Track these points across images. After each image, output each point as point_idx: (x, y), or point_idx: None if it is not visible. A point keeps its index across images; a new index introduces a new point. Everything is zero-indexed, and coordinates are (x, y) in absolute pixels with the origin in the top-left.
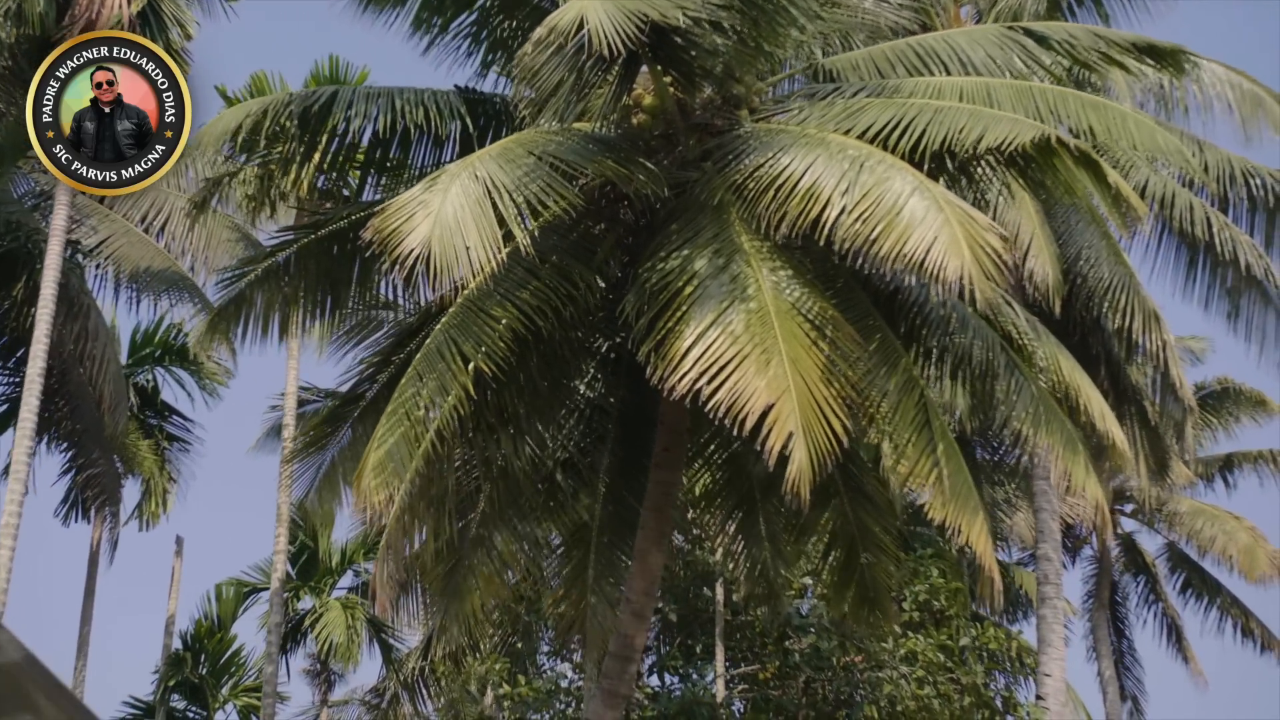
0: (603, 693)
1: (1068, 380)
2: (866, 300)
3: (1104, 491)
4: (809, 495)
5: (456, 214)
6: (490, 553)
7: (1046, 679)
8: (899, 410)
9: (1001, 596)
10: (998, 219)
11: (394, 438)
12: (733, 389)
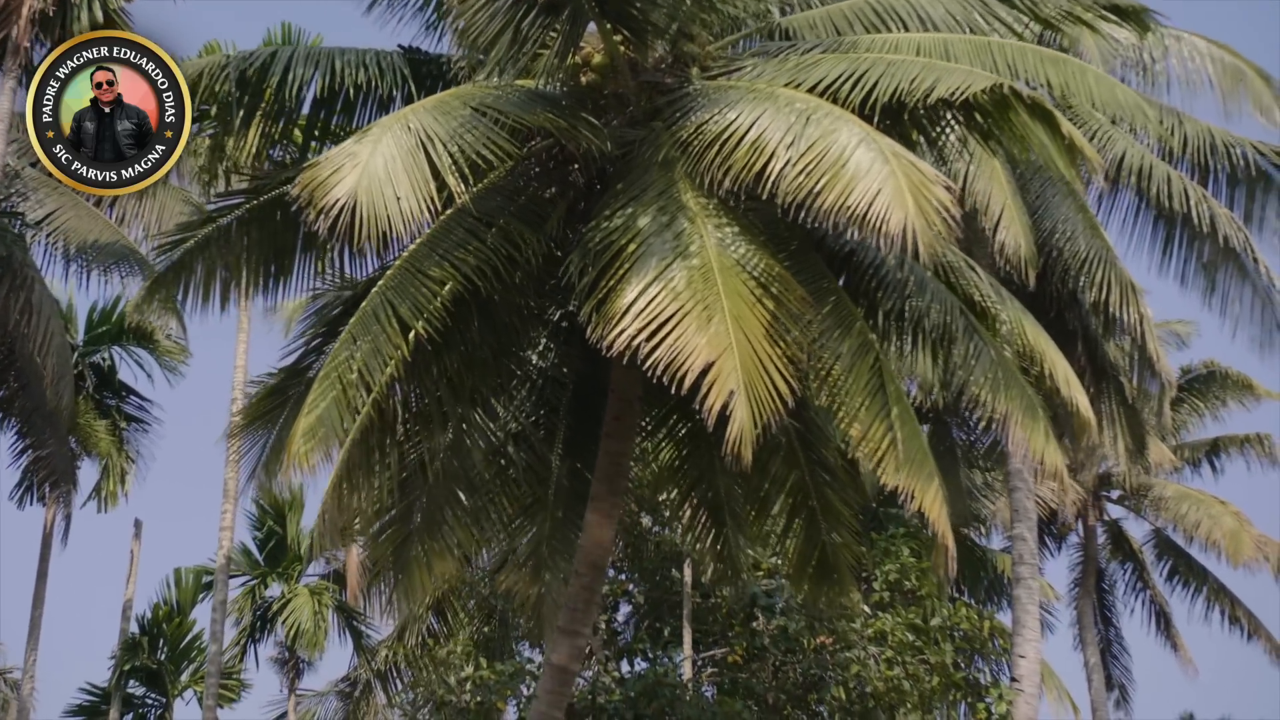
0: (551, 668)
1: (1032, 345)
2: (821, 263)
3: (1066, 458)
4: (750, 456)
5: (387, 165)
6: (441, 528)
7: (1021, 660)
8: (852, 373)
9: (955, 564)
10: (968, 189)
11: (325, 402)
12: (672, 346)
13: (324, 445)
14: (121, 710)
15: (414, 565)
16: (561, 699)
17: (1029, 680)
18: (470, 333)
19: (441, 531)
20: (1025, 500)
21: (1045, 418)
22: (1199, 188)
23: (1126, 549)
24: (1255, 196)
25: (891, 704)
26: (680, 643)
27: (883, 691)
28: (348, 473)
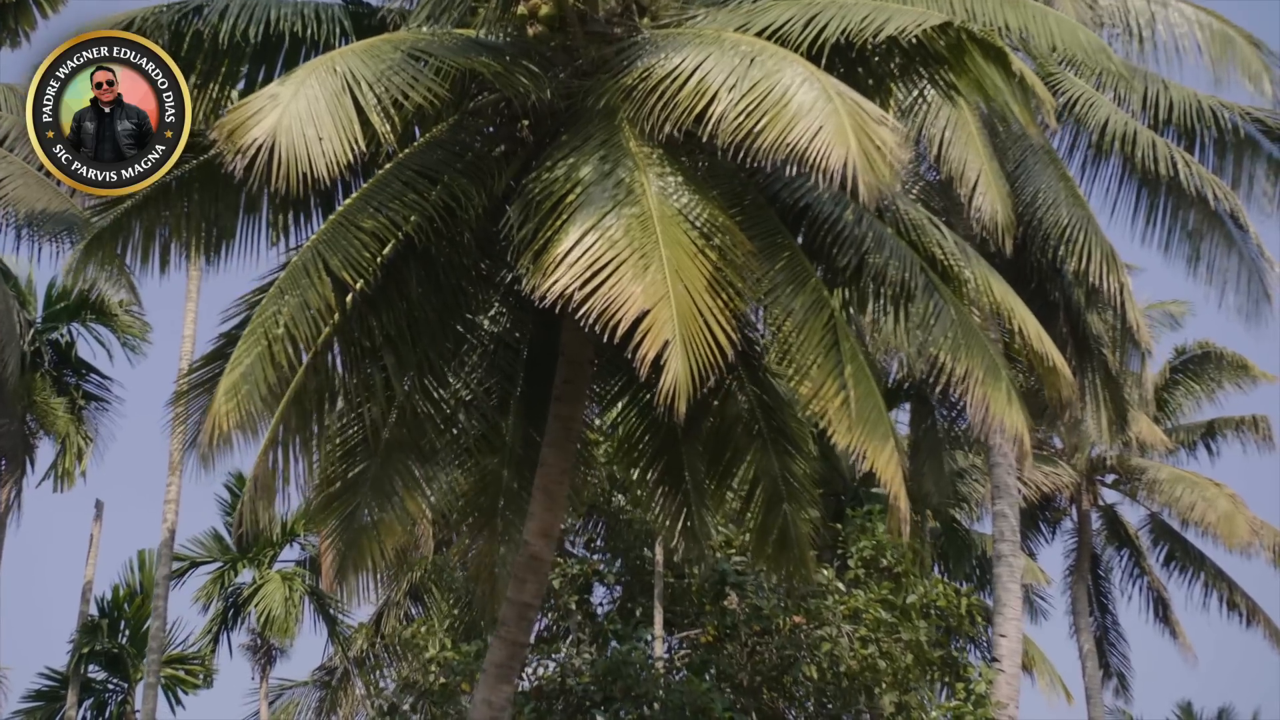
0: (499, 641)
1: (999, 302)
2: (775, 218)
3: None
4: (684, 408)
5: (309, 106)
6: (390, 499)
7: (1002, 640)
8: (804, 330)
9: (908, 526)
10: (944, 155)
11: (250, 359)
12: (607, 294)
13: (248, 404)
14: (80, 695)
15: (363, 537)
16: (510, 672)
17: (1010, 660)
18: (409, 290)
19: (392, 503)
20: (1006, 476)
21: (1009, 380)
22: (1185, 153)
23: (1123, 534)
24: (1243, 163)
25: (866, 684)
26: (651, 622)
27: (856, 670)
28: (283, 436)
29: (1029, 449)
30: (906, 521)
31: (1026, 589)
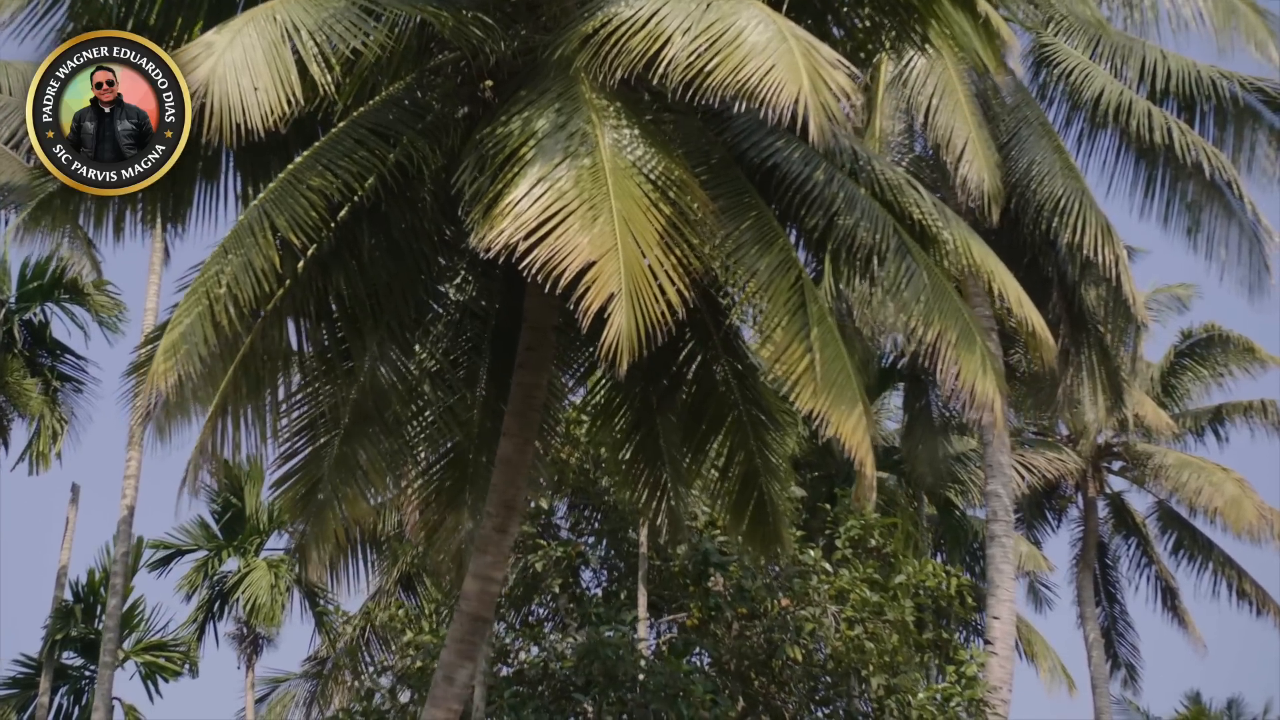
0: (461, 615)
1: (978, 264)
2: (742, 176)
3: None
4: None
5: (246, 54)
6: (354, 473)
7: (995, 622)
8: (770, 291)
9: (874, 493)
10: (931, 123)
11: (190, 319)
12: (552, 245)
13: (186, 364)
14: (55, 681)
15: (325, 512)
16: (472, 648)
17: (1003, 643)
18: (363, 253)
19: (355, 477)
20: (999, 455)
21: (985, 347)
22: (1181, 123)
23: (1130, 522)
24: (1244, 134)
25: (851, 666)
26: (634, 605)
27: (842, 652)
28: (231, 404)
29: (1001, 417)
30: (873, 489)
31: (1031, 577)
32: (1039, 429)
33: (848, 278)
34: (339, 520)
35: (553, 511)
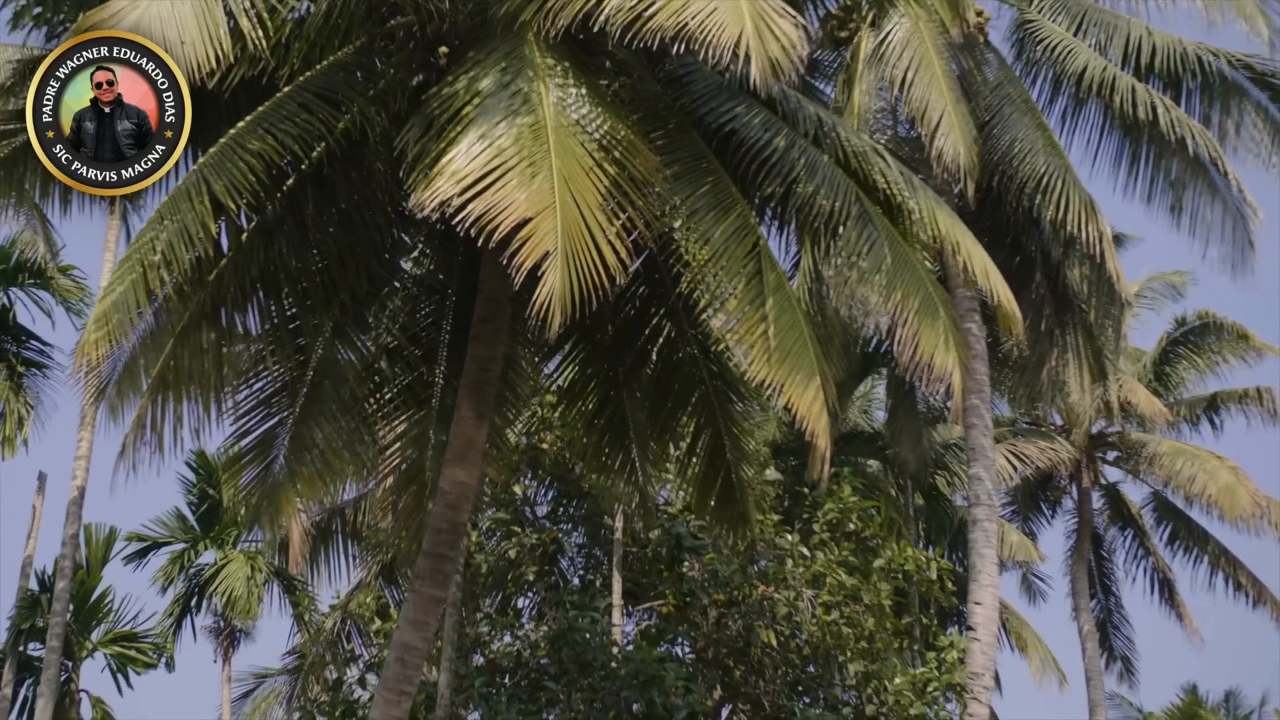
0: (416, 595)
1: (944, 233)
2: (700, 142)
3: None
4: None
5: (174, 7)
6: (311, 452)
7: (977, 608)
8: (725, 257)
9: (826, 465)
10: (906, 96)
11: (123, 286)
12: (488, 201)
13: (119, 333)
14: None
15: (282, 493)
16: (426, 627)
17: (985, 629)
18: (307, 221)
19: (312, 456)
20: (981, 439)
21: (949, 319)
22: (1166, 99)
23: (1125, 514)
24: (1230, 111)
25: (828, 650)
26: (609, 591)
27: (819, 637)
28: (173, 376)
29: (960, 390)
30: (826, 462)
31: (1023, 569)
32: (1032, 419)
33: (806, 245)
34: (295, 500)
35: (530, 499)
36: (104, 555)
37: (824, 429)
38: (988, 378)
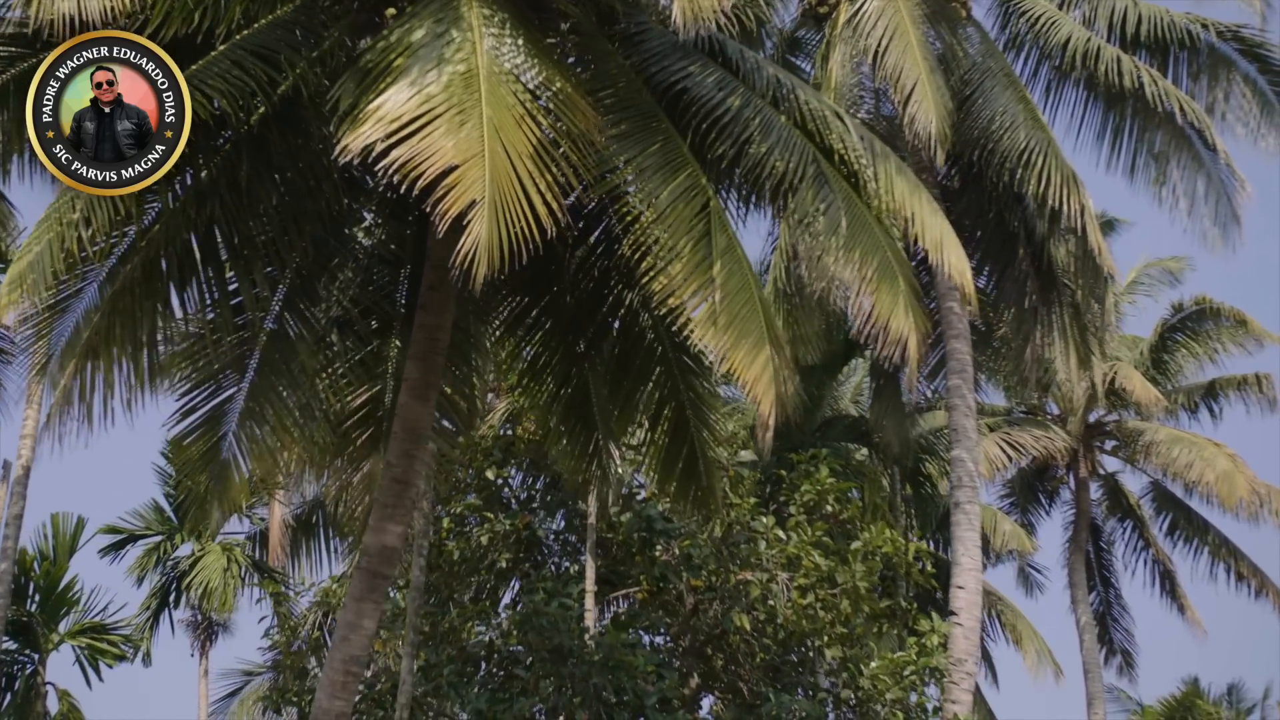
0: (361, 573)
1: (900, 203)
2: (652, 101)
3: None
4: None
5: None
6: (261, 427)
7: (959, 592)
8: (669, 217)
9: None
10: (880, 64)
11: (40, 246)
12: (414, 148)
13: (34, 294)
14: None
15: (230, 472)
16: (373, 607)
17: (968, 614)
18: (239, 182)
19: (262, 432)
20: (963, 420)
21: (909, 284)
22: (1152, 70)
23: (1124, 504)
24: (1218, 82)
25: (804, 634)
26: (583, 578)
27: (794, 620)
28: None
29: (916, 355)
30: (768, 429)
31: (1019, 559)
32: (1028, 408)
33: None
34: (244, 477)
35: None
36: (71, 545)
37: (770, 398)
38: (970, 358)
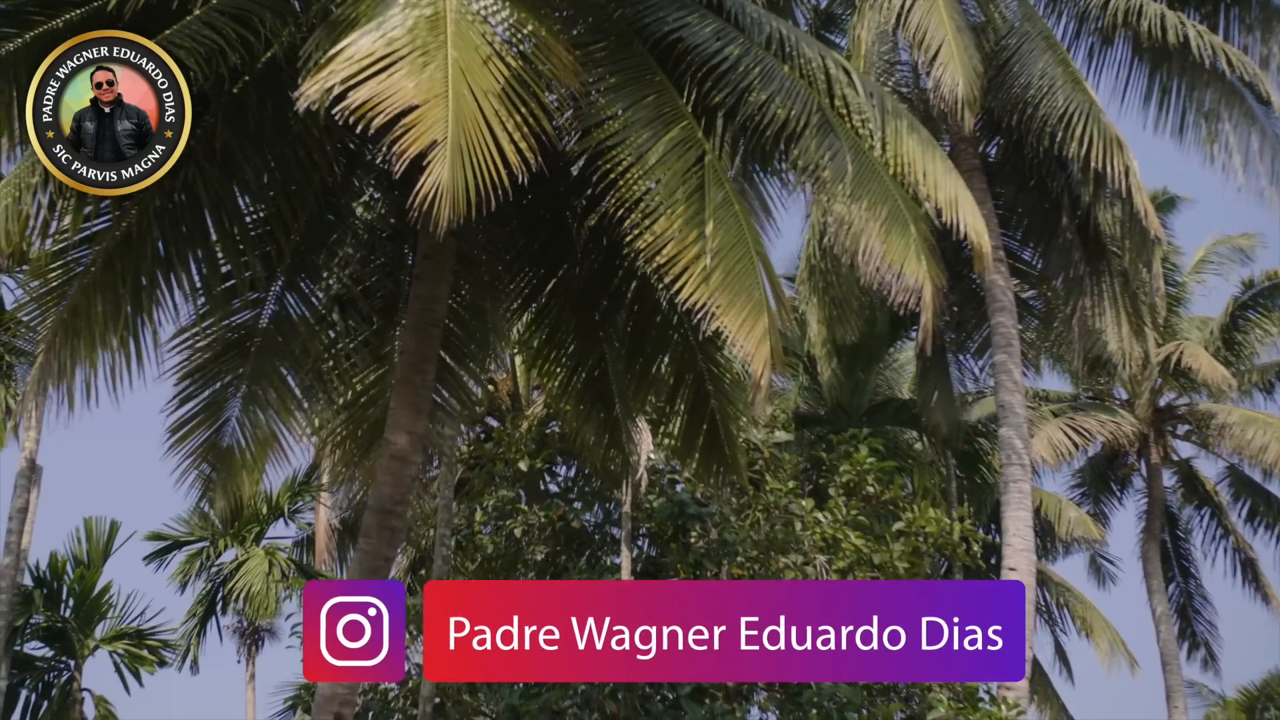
0: (360, 554)
1: (911, 160)
2: (645, 54)
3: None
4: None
5: None
6: (264, 412)
7: (1011, 574)
8: (658, 170)
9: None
10: (904, 23)
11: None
12: (373, 89)
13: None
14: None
15: (233, 458)
16: None
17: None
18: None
19: (266, 416)
20: (1009, 396)
21: (922, 233)
22: (1200, 26)
23: (1201, 491)
24: (1272, 33)
25: None
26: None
27: None
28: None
29: (932, 303)
30: (761, 390)
31: (1088, 548)
32: (1095, 393)
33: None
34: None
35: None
36: (105, 549)
37: (766, 360)
38: (1016, 333)
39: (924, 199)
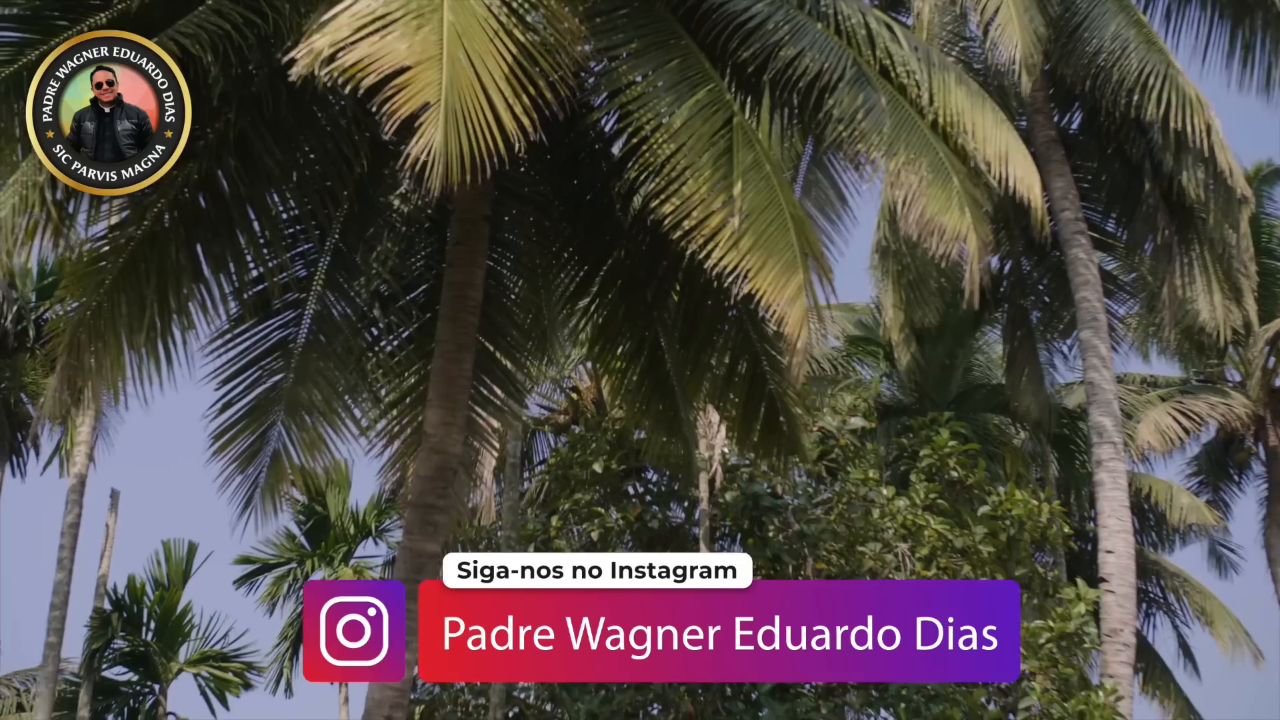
0: (403, 550)
1: (959, 113)
2: (670, 18)
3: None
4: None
5: None
6: (309, 413)
7: (1109, 557)
8: (680, 133)
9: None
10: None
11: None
12: (364, 51)
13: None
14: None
15: (277, 460)
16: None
17: (1120, 579)
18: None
19: (311, 418)
20: (1096, 374)
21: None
22: None
23: None
24: None
25: None
26: None
27: None
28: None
29: (977, 255)
30: (796, 352)
31: (1206, 536)
32: (1206, 376)
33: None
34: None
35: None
36: (185, 571)
37: (800, 323)
38: (1101, 307)
39: (972, 153)
